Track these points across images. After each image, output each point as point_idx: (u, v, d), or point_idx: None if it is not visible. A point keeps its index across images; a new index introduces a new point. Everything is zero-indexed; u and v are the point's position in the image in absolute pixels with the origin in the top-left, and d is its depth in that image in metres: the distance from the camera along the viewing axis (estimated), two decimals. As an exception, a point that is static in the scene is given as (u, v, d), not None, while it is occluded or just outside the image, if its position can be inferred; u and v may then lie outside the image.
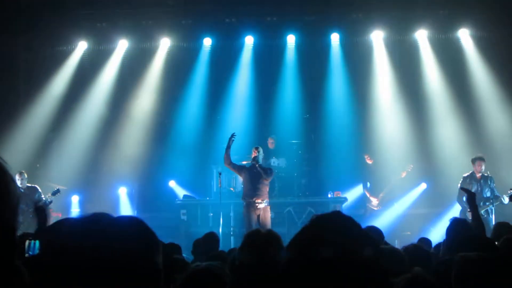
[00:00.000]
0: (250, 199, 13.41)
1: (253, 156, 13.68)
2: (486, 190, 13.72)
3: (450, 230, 6.36)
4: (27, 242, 6.31)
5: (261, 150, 13.83)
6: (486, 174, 13.89)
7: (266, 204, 13.45)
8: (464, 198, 13.69)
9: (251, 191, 13.47)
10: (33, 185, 14.26)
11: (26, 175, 14.16)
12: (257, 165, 13.53)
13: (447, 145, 17.03)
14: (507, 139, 16.59)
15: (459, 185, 13.92)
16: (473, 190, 13.60)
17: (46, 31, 17.27)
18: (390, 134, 17.51)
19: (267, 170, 13.70)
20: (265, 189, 13.54)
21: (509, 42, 16.66)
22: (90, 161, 17.81)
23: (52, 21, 17.18)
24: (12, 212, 1.71)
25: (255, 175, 13.52)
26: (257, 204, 13.34)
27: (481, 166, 13.80)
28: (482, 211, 13.42)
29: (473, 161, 13.98)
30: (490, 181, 13.78)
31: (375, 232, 6.65)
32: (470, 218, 13.13)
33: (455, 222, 6.49)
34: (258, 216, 13.35)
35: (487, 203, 13.55)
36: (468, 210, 13.44)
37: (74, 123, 17.94)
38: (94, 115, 18.13)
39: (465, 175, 14.01)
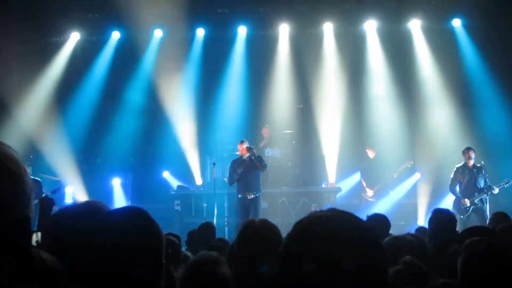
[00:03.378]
0: (243, 193, 13.44)
1: (243, 151, 13.61)
2: (480, 179, 13.75)
3: (433, 220, 6.42)
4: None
5: (244, 144, 13.76)
6: (479, 164, 13.92)
7: (257, 195, 13.45)
8: (457, 188, 13.78)
9: (244, 185, 13.49)
10: (35, 178, 14.28)
11: (29, 168, 14.24)
12: (249, 158, 13.47)
13: (441, 134, 17.04)
14: (501, 129, 16.62)
15: (451, 175, 13.98)
16: (465, 180, 13.67)
17: (38, 22, 17.19)
18: (384, 123, 17.51)
19: (259, 159, 13.67)
20: (257, 181, 13.54)
21: (501, 31, 16.67)
22: (83, 152, 17.79)
23: (44, 11, 17.13)
24: (27, 201, 1.72)
25: (245, 169, 13.51)
26: (248, 196, 13.36)
27: (470, 154, 13.82)
28: (476, 200, 13.48)
29: (463, 152, 14.03)
30: (485, 171, 13.82)
31: (382, 221, 6.65)
32: (464, 206, 13.26)
33: (437, 213, 6.55)
34: (251, 207, 13.37)
35: (482, 193, 13.59)
36: (462, 198, 13.56)
37: (67, 114, 17.90)
38: (86, 106, 18.10)
39: (458, 165, 14.04)
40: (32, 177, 14.15)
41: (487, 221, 10.62)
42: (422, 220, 15.25)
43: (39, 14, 17.04)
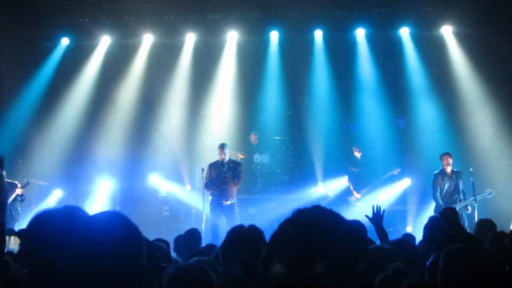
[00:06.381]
0: (216, 198, 13.42)
1: (220, 158, 13.59)
2: (460, 185, 13.83)
3: (428, 227, 6.45)
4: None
5: (226, 149, 13.72)
6: (456, 170, 13.99)
7: (232, 202, 13.42)
8: (436, 197, 13.78)
9: (217, 191, 13.44)
10: (13, 181, 14.16)
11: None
12: (223, 169, 13.42)
13: (430, 140, 17.05)
14: (490, 136, 16.67)
15: (432, 184, 14.04)
16: (445, 187, 13.72)
17: (28, 27, 17.14)
18: (374, 130, 17.54)
19: (237, 173, 13.54)
20: (232, 188, 13.49)
21: (490, 39, 16.73)
22: (73, 157, 17.72)
23: (35, 16, 17.08)
24: (1, 208, 1.69)
25: (221, 175, 13.46)
26: (223, 202, 13.33)
27: (448, 160, 13.89)
28: (458, 208, 13.48)
29: (440, 157, 14.08)
30: (461, 176, 13.88)
31: (359, 227, 6.62)
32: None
33: (433, 220, 6.58)
34: (227, 213, 13.34)
35: (462, 202, 13.64)
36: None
37: (56, 119, 17.84)
38: (76, 111, 18.05)
39: (436, 172, 14.10)
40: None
41: (467, 228, 10.71)
42: (411, 227, 15.26)
43: (29, 19, 16.98)
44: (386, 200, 16.19)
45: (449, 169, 13.89)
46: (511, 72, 16.68)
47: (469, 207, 13.57)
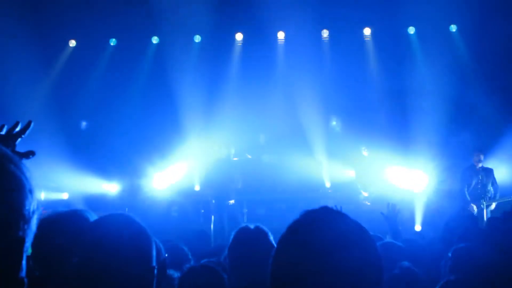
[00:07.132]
0: (221, 197, 13.47)
1: (227, 157, 13.65)
2: (488, 183, 13.63)
3: (450, 224, 6.42)
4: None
5: (233, 148, 13.80)
6: (486, 167, 13.84)
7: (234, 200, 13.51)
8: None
9: (222, 190, 13.49)
10: None
11: None
12: (231, 169, 13.49)
13: (438, 139, 16.99)
14: (499, 135, 16.63)
15: (459, 178, 13.93)
16: (473, 183, 13.49)
17: (34, 28, 17.17)
18: (381, 128, 17.50)
19: (241, 172, 13.66)
20: (236, 188, 13.56)
21: (496, 38, 16.69)
22: (80, 159, 17.73)
23: (42, 18, 17.14)
24: (25, 223, 1.67)
25: (228, 174, 13.52)
26: (228, 202, 13.39)
27: (479, 157, 13.69)
28: (483, 206, 13.36)
29: (472, 154, 13.92)
30: (491, 173, 13.73)
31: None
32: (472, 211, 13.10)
33: (453, 220, 6.55)
34: (230, 213, 13.39)
35: (490, 200, 13.49)
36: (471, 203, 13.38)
37: (63, 121, 17.87)
38: (84, 112, 18.12)
39: (465, 167, 13.96)
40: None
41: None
42: (419, 225, 15.20)
43: (35, 20, 17.02)
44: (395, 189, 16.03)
45: (479, 166, 13.72)
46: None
47: (493, 204, 13.44)
